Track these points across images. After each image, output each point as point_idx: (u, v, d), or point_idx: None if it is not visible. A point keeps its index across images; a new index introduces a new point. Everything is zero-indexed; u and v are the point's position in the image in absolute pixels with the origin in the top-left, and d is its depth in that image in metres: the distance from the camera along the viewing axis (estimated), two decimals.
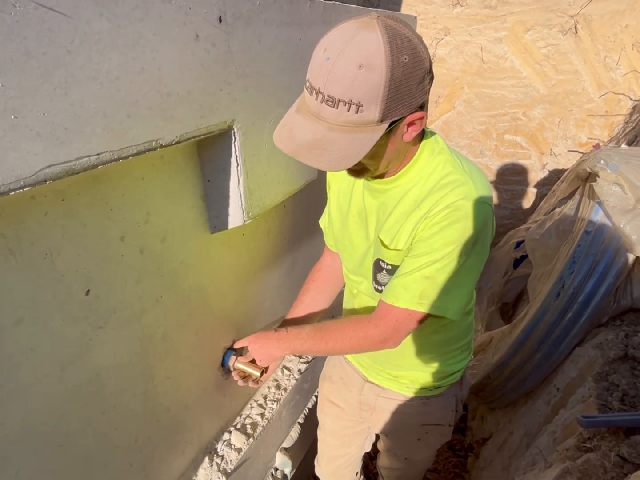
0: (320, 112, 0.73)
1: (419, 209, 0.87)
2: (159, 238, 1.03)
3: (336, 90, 0.70)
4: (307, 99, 0.75)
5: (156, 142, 0.82)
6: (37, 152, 0.62)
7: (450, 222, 0.83)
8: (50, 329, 0.81)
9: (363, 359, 1.27)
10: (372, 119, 0.71)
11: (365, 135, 0.72)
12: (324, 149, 0.73)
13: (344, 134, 0.72)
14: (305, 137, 0.75)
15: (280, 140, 0.80)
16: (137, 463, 1.11)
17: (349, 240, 1.06)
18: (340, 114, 0.71)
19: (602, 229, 1.52)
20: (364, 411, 1.33)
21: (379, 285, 0.99)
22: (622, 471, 1.04)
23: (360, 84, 0.68)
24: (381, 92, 0.69)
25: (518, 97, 2.86)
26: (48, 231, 0.77)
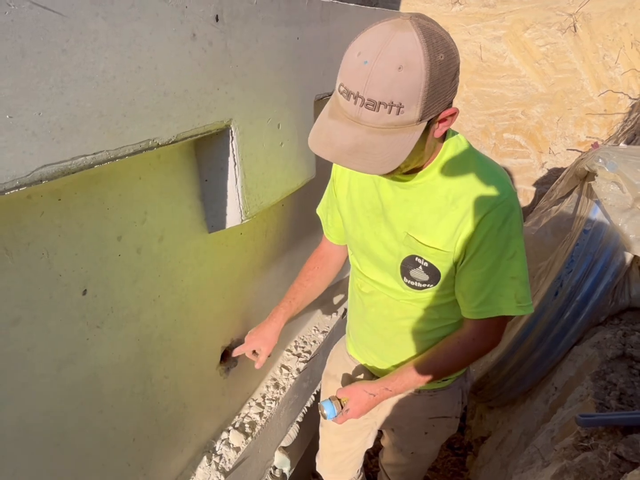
0: (359, 116, 0.72)
1: (457, 208, 0.88)
2: (157, 237, 1.03)
3: (377, 94, 0.69)
4: (342, 104, 0.74)
5: (153, 142, 0.82)
6: (33, 152, 0.62)
7: (504, 219, 0.86)
8: (47, 328, 0.81)
9: (373, 358, 1.27)
10: (412, 119, 0.71)
11: (406, 136, 0.72)
12: (367, 152, 0.73)
13: (384, 135, 0.72)
14: (345, 142, 0.74)
15: (318, 146, 0.78)
16: (136, 462, 1.11)
17: (360, 236, 1.05)
18: (381, 117, 0.70)
19: (601, 227, 1.52)
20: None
21: (412, 280, 0.99)
22: (619, 470, 1.04)
23: (401, 85, 0.68)
24: (421, 92, 0.69)
25: (517, 95, 2.86)
26: (44, 231, 0.77)
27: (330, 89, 1.52)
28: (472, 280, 0.93)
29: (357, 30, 0.77)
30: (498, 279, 0.90)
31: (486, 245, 0.88)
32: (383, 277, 1.07)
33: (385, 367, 1.23)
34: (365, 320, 1.21)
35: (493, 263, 0.90)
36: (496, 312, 0.93)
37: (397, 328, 1.14)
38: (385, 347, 1.20)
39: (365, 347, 1.28)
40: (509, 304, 0.91)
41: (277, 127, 1.22)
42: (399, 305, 1.09)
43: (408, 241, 0.96)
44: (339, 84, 0.74)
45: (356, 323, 1.27)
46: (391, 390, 1.08)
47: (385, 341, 1.19)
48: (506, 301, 0.91)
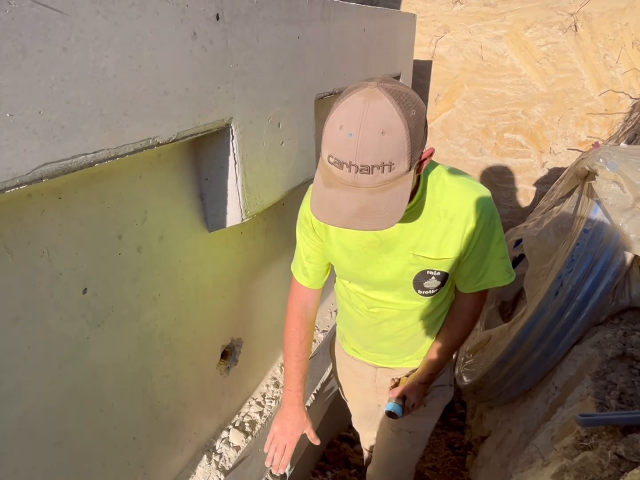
0: (356, 181, 0.78)
1: (453, 221, 1.00)
2: (157, 236, 1.03)
3: (368, 159, 0.76)
4: (336, 173, 0.80)
5: (153, 140, 0.82)
6: (34, 150, 0.62)
7: (489, 215, 1.01)
8: (48, 327, 0.81)
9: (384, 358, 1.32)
10: (403, 171, 0.79)
11: (401, 186, 0.80)
12: (374, 211, 0.80)
13: (383, 192, 0.79)
14: (351, 208, 0.80)
15: (325, 216, 0.84)
16: (136, 461, 1.11)
17: (361, 270, 1.11)
18: (376, 177, 0.77)
19: (601, 227, 1.52)
20: (379, 394, 1.41)
21: (426, 290, 1.11)
22: (619, 469, 1.04)
23: (389, 147, 0.75)
24: (406, 147, 0.77)
25: (518, 95, 2.85)
26: (45, 229, 0.77)
27: (330, 88, 1.52)
28: (472, 267, 1.08)
29: (358, 30, 0.77)
30: (491, 260, 1.07)
31: (482, 239, 1.03)
32: (393, 296, 1.14)
33: (398, 362, 1.32)
34: (378, 333, 1.25)
35: (487, 250, 1.05)
36: (491, 284, 1.11)
37: (412, 331, 1.22)
38: (401, 349, 1.28)
39: (376, 352, 1.32)
40: (501, 277, 1.10)
41: (277, 126, 1.22)
42: (412, 313, 1.18)
43: (416, 260, 1.05)
44: (327, 155, 0.80)
45: (364, 335, 1.30)
46: (433, 374, 1.25)
47: (401, 344, 1.26)
48: (499, 275, 1.09)
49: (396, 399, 1.24)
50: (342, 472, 2.42)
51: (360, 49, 1.73)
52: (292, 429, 1.25)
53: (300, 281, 1.22)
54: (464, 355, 2.34)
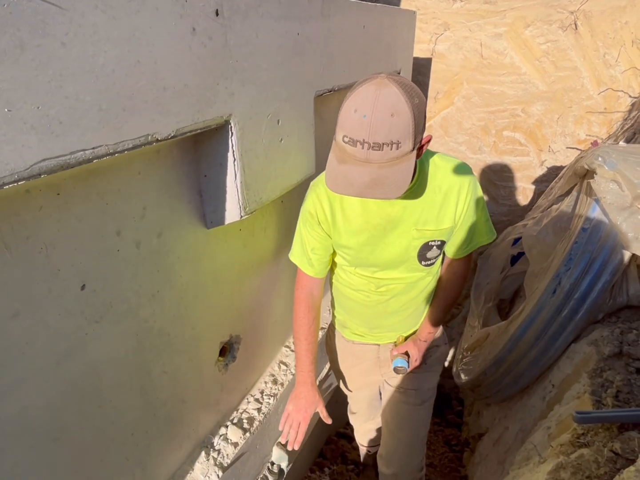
0: (368, 157, 0.90)
1: (447, 195, 1.14)
2: (155, 233, 1.03)
3: (379, 138, 0.87)
4: (350, 151, 0.91)
5: (152, 137, 0.82)
6: (32, 146, 0.62)
7: (474, 186, 1.16)
8: (46, 323, 0.81)
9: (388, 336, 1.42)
10: (407, 150, 0.91)
11: (406, 163, 0.92)
12: (383, 183, 0.91)
13: (391, 167, 0.91)
14: (364, 179, 0.91)
15: (340, 188, 0.95)
16: (134, 457, 1.11)
17: (370, 253, 1.21)
18: (386, 154, 0.89)
19: (599, 226, 1.52)
20: (383, 367, 1.49)
21: (428, 260, 1.23)
22: (615, 466, 1.05)
23: (397, 127, 0.87)
24: (411, 128, 0.89)
25: (517, 93, 2.85)
26: (43, 225, 0.77)
27: (330, 85, 1.52)
28: (463, 234, 1.22)
29: (358, 26, 0.77)
30: (478, 225, 1.21)
31: (471, 207, 1.17)
32: (399, 272, 1.25)
33: (395, 335, 1.42)
34: (386, 310, 1.34)
35: (474, 217, 1.19)
36: (478, 245, 1.25)
37: (415, 303, 1.34)
38: (405, 322, 1.39)
39: (382, 331, 1.41)
40: (486, 237, 1.25)
41: (276, 123, 1.22)
42: (416, 285, 1.29)
43: (419, 234, 1.17)
44: (341, 135, 0.92)
45: (371, 316, 1.38)
46: (432, 332, 1.38)
47: (406, 318, 1.38)
48: (484, 237, 1.24)
49: (401, 355, 1.36)
50: (340, 468, 2.43)
51: (359, 46, 1.72)
52: (306, 406, 1.34)
53: (306, 271, 1.30)
54: (462, 353, 2.35)
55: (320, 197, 1.18)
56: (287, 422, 1.35)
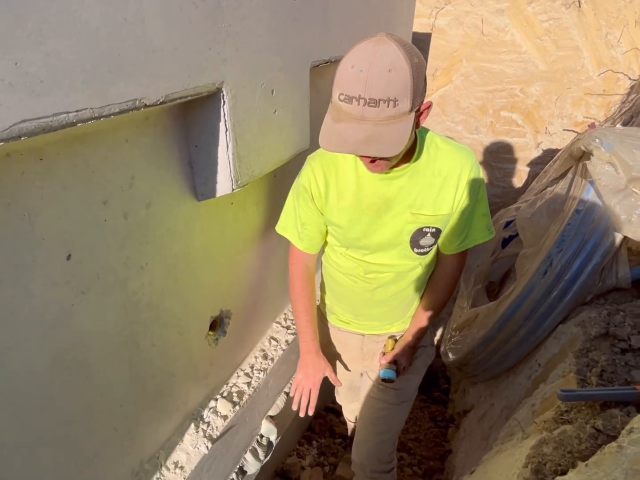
0: (363, 114, 0.86)
1: (447, 179, 1.09)
2: (144, 204, 1.00)
3: (376, 93, 0.84)
4: (345, 109, 0.87)
5: (140, 102, 0.78)
6: (10, 105, 0.58)
7: (477, 173, 1.11)
8: (31, 292, 0.79)
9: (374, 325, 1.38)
10: (405, 110, 0.87)
11: (403, 124, 0.88)
12: (377, 140, 0.87)
13: (387, 126, 0.87)
14: (358, 136, 0.87)
15: (334, 145, 0.91)
16: (123, 428, 1.11)
17: (361, 233, 1.17)
18: (382, 111, 0.85)
19: (593, 208, 1.52)
20: (366, 360, 1.48)
21: (422, 248, 1.18)
22: (597, 442, 1.07)
23: (394, 83, 0.84)
24: (409, 87, 0.85)
25: (517, 72, 2.80)
26: (26, 192, 0.74)
27: (327, 56, 1.47)
28: (457, 226, 1.16)
29: None
30: (474, 218, 1.16)
31: (469, 195, 1.11)
32: (390, 258, 1.20)
33: (387, 328, 1.39)
34: (372, 299, 1.30)
35: (471, 208, 1.14)
36: (473, 243, 1.20)
37: (403, 295, 1.30)
38: (392, 314, 1.35)
39: (367, 320, 1.38)
40: (482, 234, 1.19)
41: (270, 93, 1.18)
42: (406, 276, 1.24)
43: (414, 218, 1.12)
44: (337, 94, 0.88)
45: (357, 303, 1.34)
46: (419, 337, 1.36)
47: (392, 309, 1.34)
48: (480, 233, 1.19)
49: (389, 364, 1.33)
50: (327, 441, 2.48)
51: (358, 17, 1.67)
52: (314, 373, 1.35)
53: (298, 246, 1.27)
54: (450, 332, 2.38)
55: (315, 171, 1.14)
56: (298, 389, 1.37)
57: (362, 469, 1.52)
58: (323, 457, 2.39)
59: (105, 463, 1.08)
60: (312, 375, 1.36)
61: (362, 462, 1.52)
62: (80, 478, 1.01)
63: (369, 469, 1.51)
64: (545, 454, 1.12)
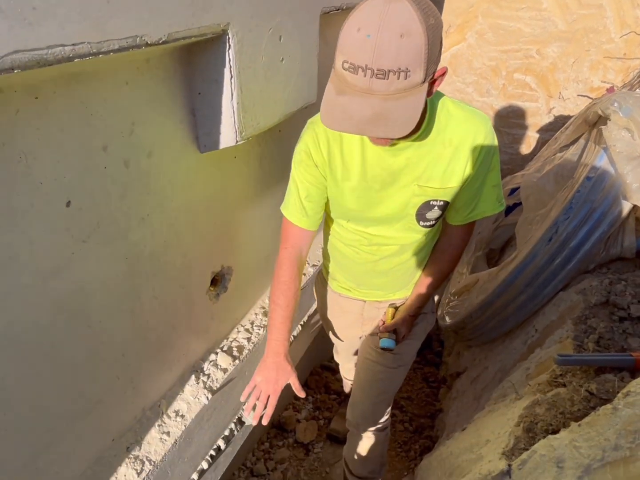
0: (370, 86, 0.76)
1: (458, 149, 1.00)
2: (145, 152, 0.96)
3: (385, 63, 0.73)
4: (350, 79, 0.77)
5: (141, 39, 0.73)
6: (2, 33, 0.54)
7: (491, 141, 1.02)
8: (30, 238, 0.77)
9: (377, 294, 1.35)
10: (418, 81, 0.77)
11: (415, 97, 0.78)
12: (387, 118, 0.78)
13: (398, 101, 0.77)
14: (364, 113, 0.78)
15: (336, 123, 0.82)
16: (125, 376, 1.13)
17: (365, 205, 1.10)
18: (392, 84, 0.75)
19: (604, 176, 1.48)
20: (365, 325, 1.46)
21: (428, 221, 1.12)
22: (589, 405, 1.09)
23: (406, 51, 0.73)
24: (423, 54, 0.74)
25: (534, 31, 2.66)
26: (21, 132, 0.70)
27: (338, 2, 1.38)
28: (466, 197, 1.09)
29: None
30: (484, 189, 1.08)
31: (481, 166, 1.03)
32: (394, 230, 1.14)
33: (390, 296, 1.36)
34: (375, 269, 1.25)
35: (482, 179, 1.06)
36: (481, 215, 1.12)
37: (407, 266, 1.25)
38: (394, 283, 1.31)
39: (369, 289, 1.34)
40: (492, 206, 1.11)
41: (278, 40, 1.11)
42: (410, 247, 1.19)
43: (421, 191, 1.05)
44: (341, 61, 0.77)
45: (359, 273, 1.30)
46: (420, 306, 1.31)
47: (395, 279, 1.30)
48: (490, 205, 1.11)
49: (389, 333, 1.28)
50: (323, 396, 2.56)
51: None
52: (277, 378, 1.17)
53: (298, 223, 1.14)
54: (448, 297, 2.39)
55: (319, 136, 1.05)
56: (254, 394, 1.16)
57: (356, 427, 1.54)
58: (318, 411, 2.48)
59: (109, 409, 1.10)
60: (275, 380, 1.16)
61: (357, 421, 1.54)
62: (85, 422, 1.03)
63: (363, 427, 1.52)
64: (538, 414, 1.15)
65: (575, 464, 0.84)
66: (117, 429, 1.17)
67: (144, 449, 1.20)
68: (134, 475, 1.14)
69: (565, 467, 0.85)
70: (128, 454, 1.17)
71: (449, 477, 1.29)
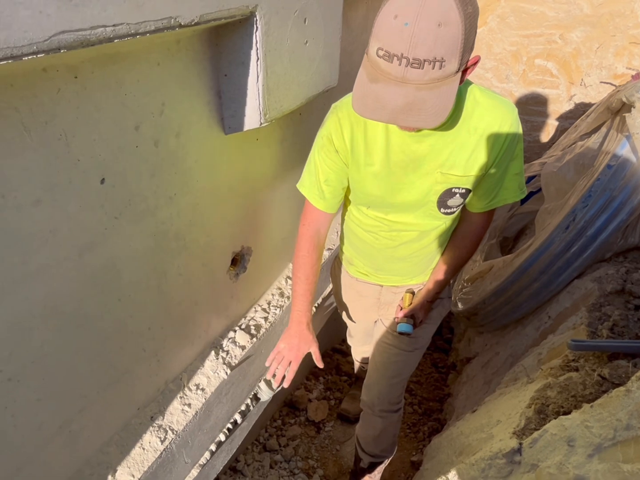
0: (405, 75, 0.76)
1: (487, 137, 1.00)
2: (174, 132, 0.99)
3: (421, 52, 0.73)
4: (384, 67, 0.77)
5: (175, 20, 0.75)
6: (50, 13, 0.57)
7: (516, 130, 1.01)
8: (68, 213, 0.81)
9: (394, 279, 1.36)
10: (452, 71, 0.77)
11: (449, 87, 0.78)
12: (420, 108, 0.78)
13: (431, 90, 0.77)
14: (397, 102, 0.78)
15: (369, 111, 0.82)
16: (150, 349, 1.18)
17: (387, 191, 1.10)
18: (426, 73, 0.75)
19: (625, 164, 1.47)
20: (382, 309, 1.47)
21: (449, 208, 1.12)
22: (601, 389, 1.12)
23: (443, 41, 0.73)
24: (459, 45, 0.74)
25: (558, 15, 2.61)
26: (62, 110, 0.73)
27: None
28: (489, 185, 1.09)
29: None
30: (506, 177, 1.08)
31: (504, 155, 1.03)
32: (414, 217, 1.15)
33: (407, 281, 1.38)
34: (394, 255, 1.27)
35: (505, 167, 1.06)
36: (502, 202, 1.13)
37: (426, 252, 1.26)
38: (413, 269, 1.33)
39: (388, 274, 1.36)
40: (513, 194, 1.11)
41: (303, 22, 1.12)
42: (430, 234, 1.20)
43: (443, 178, 1.05)
44: (376, 48, 0.77)
45: (378, 259, 1.31)
46: (438, 292, 1.33)
47: (414, 264, 1.31)
48: (511, 193, 1.11)
49: (407, 318, 1.30)
50: (334, 378, 2.62)
51: None
52: (299, 345, 1.25)
53: (316, 205, 1.19)
54: (462, 284, 2.41)
55: (342, 122, 1.05)
56: (277, 359, 1.26)
57: (371, 408, 1.58)
58: (329, 392, 2.54)
59: (135, 379, 1.16)
60: (297, 348, 1.25)
61: (373, 401, 1.57)
62: (113, 390, 1.08)
63: (378, 408, 1.56)
64: (549, 397, 1.18)
65: (586, 443, 0.86)
66: (142, 399, 1.23)
67: (167, 419, 1.26)
68: (158, 443, 1.20)
69: (576, 445, 0.88)
70: (152, 423, 1.23)
71: (459, 455, 1.33)
